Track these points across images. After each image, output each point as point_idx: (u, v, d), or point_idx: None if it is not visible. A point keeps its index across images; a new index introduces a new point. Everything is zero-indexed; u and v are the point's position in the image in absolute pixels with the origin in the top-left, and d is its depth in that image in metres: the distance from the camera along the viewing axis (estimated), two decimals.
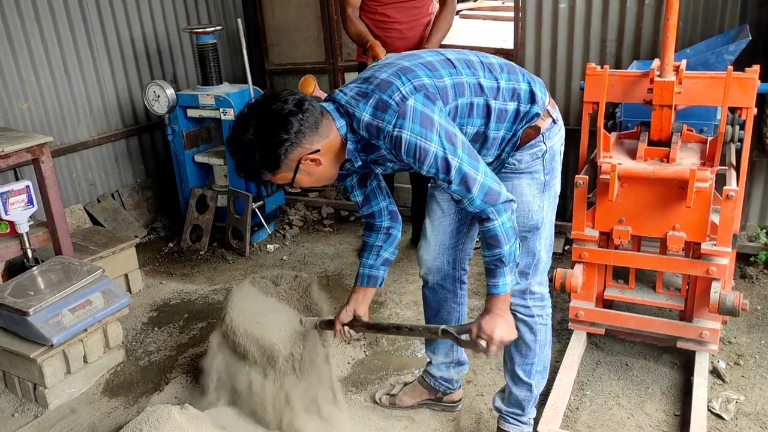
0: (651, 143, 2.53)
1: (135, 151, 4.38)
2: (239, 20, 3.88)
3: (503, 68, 1.91)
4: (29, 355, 2.58)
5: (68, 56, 3.91)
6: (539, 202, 1.97)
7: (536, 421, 2.29)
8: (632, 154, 2.52)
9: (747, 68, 2.36)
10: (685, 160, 2.44)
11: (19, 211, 3.00)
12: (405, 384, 2.61)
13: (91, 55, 4.03)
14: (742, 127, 2.51)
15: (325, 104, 1.80)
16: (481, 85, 1.84)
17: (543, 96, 1.92)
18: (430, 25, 3.47)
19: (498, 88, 1.86)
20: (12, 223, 3.04)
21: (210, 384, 2.47)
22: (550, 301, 2.15)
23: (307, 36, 4.59)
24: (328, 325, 2.18)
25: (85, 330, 2.72)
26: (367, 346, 2.96)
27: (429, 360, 2.48)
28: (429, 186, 2.19)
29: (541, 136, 1.92)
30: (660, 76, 2.40)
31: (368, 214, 2.09)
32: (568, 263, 2.96)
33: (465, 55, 1.91)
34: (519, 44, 3.72)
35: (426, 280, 2.30)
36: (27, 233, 3.06)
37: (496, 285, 1.82)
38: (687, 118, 2.63)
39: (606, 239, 2.59)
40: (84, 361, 2.78)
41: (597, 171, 2.49)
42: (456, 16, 3.84)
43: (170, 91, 3.90)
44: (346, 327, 2.11)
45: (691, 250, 2.48)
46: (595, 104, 2.54)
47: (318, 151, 1.74)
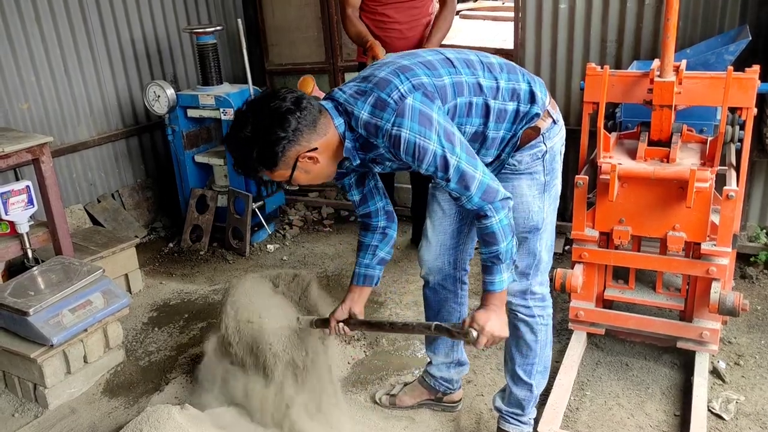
0: (651, 143, 2.53)
1: (135, 151, 4.38)
2: (239, 20, 3.88)
3: (503, 68, 1.90)
4: (29, 355, 2.58)
5: (68, 56, 3.91)
6: (539, 203, 1.97)
7: (536, 421, 2.29)
8: (632, 155, 2.52)
9: (747, 68, 2.37)
10: (685, 160, 2.44)
11: (19, 211, 3.00)
12: (405, 384, 2.61)
13: (91, 56, 4.03)
14: (742, 127, 2.51)
15: (323, 102, 1.80)
16: (480, 84, 1.84)
17: (543, 96, 1.91)
18: (430, 25, 3.47)
19: (497, 87, 1.86)
20: (12, 223, 3.04)
21: (209, 388, 2.48)
22: (551, 302, 2.15)
23: (307, 36, 4.58)
24: (324, 323, 2.19)
25: (86, 330, 2.72)
26: (368, 346, 2.96)
27: (429, 360, 2.48)
28: (430, 186, 2.19)
29: (541, 136, 1.91)
30: (660, 77, 2.40)
31: (365, 214, 2.10)
32: (568, 263, 2.96)
33: (465, 55, 1.91)
34: (519, 44, 3.71)
35: (427, 280, 2.30)
36: (27, 233, 3.06)
37: (492, 282, 1.83)
38: (687, 119, 2.63)
39: (606, 239, 2.59)
40: (84, 361, 2.78)
41: (597, 171, 2.49)
42: (456, 16, 3.84)
43: (170, 91, 3.90)
44: (341, 324, 2.12)
45: (691, 250, 2.48)
46: (595, 104, 2.54)
47: (316, 149, 1.75)
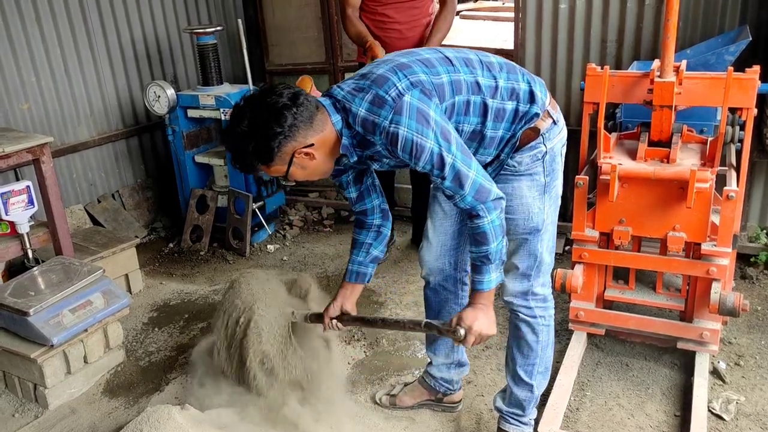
0: (651, 144, 2.53)
1: (135, 152, 4.38)
2: (239, 20, 3.88)
3: (503, 67, 1.90)
4: (29, 356, 2.58)
5: (69, 57, 3.90)
6: (540, 204, 1.97)
7: (537, 422, 2.29)
8: (632, 155, 2.52)
9: (747, 69, 2.36)
10: (686, 160, 2.44)
11: (19, 212, 3.00)
12: (405, 384, 2.61)
13: (91, 56, 4.02)
14: (743, 127, 2.51)
15: (321, 99, 1.81)
16: (479, 83, 1.84)
17: (543, 96, 1.91)
18: (430, 25, 3.47)
19: (496, 87, 1.86)
20: (12, 224, 3.04)
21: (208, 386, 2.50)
22: (553, 303, 2.15)
23: (307, 36, 4.59)
24: (318, 318, 2.22)
25: (86, 330, 2.72)
26: (368, 347, 2.96)
27: (429, 360, 2.48)
28: (432, 187, 2.19)
29: (541, 137, 1.91)
30: (660, 77, 2.40)
31: (360, 211, 2.11)
32: (569, 264, 2.95)
33: (464, 54, 1.91)
34: (519, 45, 3.71)
35: (428, 280, 2.30)
36: (27, 233, 3.06)
37: (480, 281, 1.84)
38: (687, 119, 2.63)
39: (606, 240, 2.59)
40: (84, 362, 2.78)
41: (597, 171, 2.49)
42: (456, 17, 3.84)
43: (170, 91, 3.90)
44: (334, 321, 2.15)
45: (692, 250, 2.48)
46: (596, 105, 2.54)
47: (312, 145, 1.75)
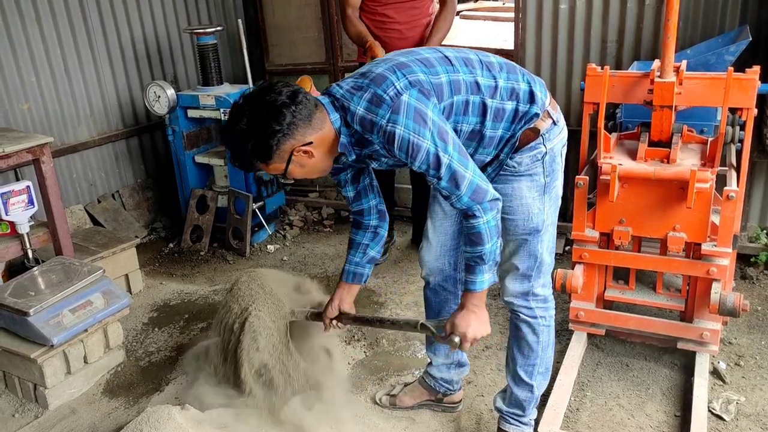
0: (651, 144, 2.53)
1: (135, 152, 4.38)
2: (239, 20, 3.89)
3: (503, 67, 1.90)
4: (29, 356, 2.58)
5: (69, 57, 3.90)
6: (539, 205, 1.97)
7: (537, 422, 2.29)
8: (633, 155, 2.52)
9: (747, 69, 2.36)
10: (686, 160, 2.44)
11: (19, 212, 3.00)
12: (405, 385, 2.61)
13: (91, 56, 4.02)
14: (743, 127, 2.51)
15: (320, 98, 1.81)
16: (478, 83, 1.84)
17: (543, 97, 1.91)
18: (430, 25, 3.46)
19: (496, 86, 1.86)
20: (12, 224, 3.04)
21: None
22: (554, 303, 2.15)
23: (307, 36, 4.58)
24: (318, 316, 2.27)
25: (86, 330, 2.72)
26: (368, 347, 2.96)
27: (429, 361, 2.48)
28: (432, 188, 2.18)
29: (540, 137, 1.91)
30: (660, 77, 2.40)
31: (357, 211, 2.12)
32: (569, 264, 2.95)
33: (464, 54, 1.91)
34: (519, 45, 3.71)
35: (428, 281, 2.30)
36: (27, 233, 3.06)
37: (473, 282, 1.84)
38: (687, 119, 2.63)
39: (606, 240, 2.59)
40: (84, 362, 2.78)
41: (597, 172, 2.49)
42: (456, 17, 3.84)
43: (171, 91, 3.89)
44: (334, 321, 2.19)
45: (692, 250, 2.48)
46: (596, 105, 2.54)
47: (311, 143, 1.75)
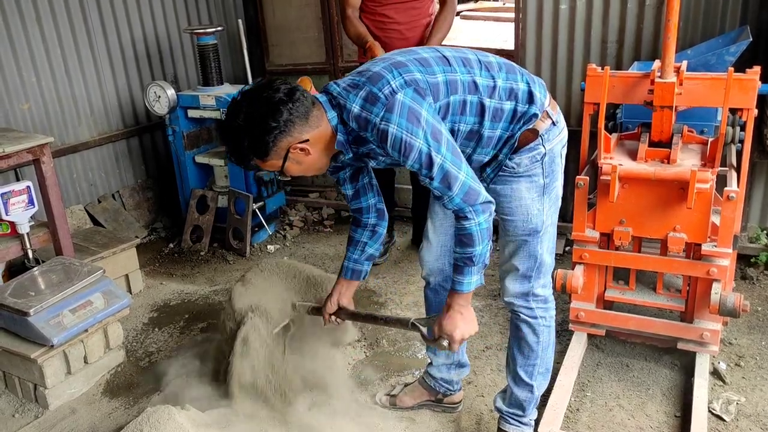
0: (652, 144, 2.53)
1: (135, 152, 4.38)
2: (240, 21, 3.88)
3: (502, 67, 1.90)
4: (30, 356, 2.58)
5: (69, 57, 3.90)
6: (539, 206, 1.97)
7: (537, 422, 2.29)
8: (633, 155, 2.52)
9: (748, 69, 2.36)
10: (686, 161, 2.44)
11: (19, 212, 3.00)
12: (405, 385, 2.61)
13: (91, 56, 4.02)
14: (743, 128, 2.51)
15: (318, 95, 1.82)
16: (476, 83, 1.84)
17: (542, 97, 1.91)
18: (430, 25, 3.46)
19: (494, 86, 1.85)
20: (13, 224, 3.04)
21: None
22: (554, 303, 2.15)
23: (307, 36, 4.58)
24: (319, 311, 2.31)
25: (86, 330, 2.72)
26: (368, 347, 2.95)
27: (429, 361, 2.48)
28: None
29: (540, 138, 1.91)
30: (661, 77, 2.40)
31: (356, 209, 2.13)
32: (569, 264, 2.95)
33: (463, 54, 1.91)
34: (519, 45, 3.71)
35: (428, 281, 2.31)
36: (28, 234, 3.06)
37: (461, 282, 1.85)
38: (688, 119, 2.63)
39: (607, 240, 2.59)
40: (84, 362, 2.78)
41: (598, 172, 2.49)
42: (456, 17, 3.84)
43: (171, 91, 3.90)
44: (333, 316, 2.23)
45: (692, 251, 2.48)
46: (596, 105, 2.54)
47: (307, 140, 1.76)
